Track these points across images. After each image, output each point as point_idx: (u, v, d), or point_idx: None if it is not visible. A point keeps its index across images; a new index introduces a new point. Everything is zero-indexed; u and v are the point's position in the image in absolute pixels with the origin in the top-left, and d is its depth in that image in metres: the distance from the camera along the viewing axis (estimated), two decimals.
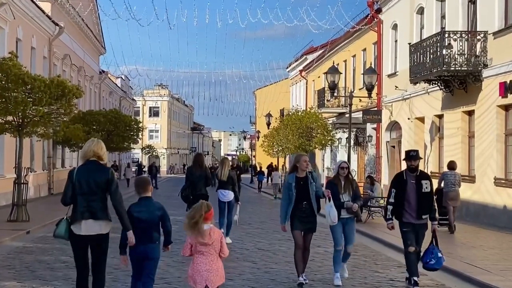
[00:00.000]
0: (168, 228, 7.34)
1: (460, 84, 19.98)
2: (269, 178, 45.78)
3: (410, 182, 9.58)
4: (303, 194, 9.68)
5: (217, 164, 31.06)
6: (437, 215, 9.95)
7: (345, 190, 10.07)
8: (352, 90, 30.72)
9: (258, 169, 48.22)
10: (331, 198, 9.81)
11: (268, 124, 45.73)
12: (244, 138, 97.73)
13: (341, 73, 28.25)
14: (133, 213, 7.26)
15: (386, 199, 10.16)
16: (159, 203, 7.49)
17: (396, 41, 27.61)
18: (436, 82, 20.97)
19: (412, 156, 9.73)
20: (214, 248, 6.46)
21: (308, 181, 9.73)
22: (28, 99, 17.19)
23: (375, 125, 29.65)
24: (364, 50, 32.79)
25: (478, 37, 19.20)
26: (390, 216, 9.66)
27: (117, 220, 7.41)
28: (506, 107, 18.34)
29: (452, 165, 17.29)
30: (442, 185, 17.06)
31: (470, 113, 20.52)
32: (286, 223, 9.80)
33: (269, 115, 47.03)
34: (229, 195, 14.64)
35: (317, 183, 9.92)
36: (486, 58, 18.97)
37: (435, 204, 9.89)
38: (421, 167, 22.94)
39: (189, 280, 6.58)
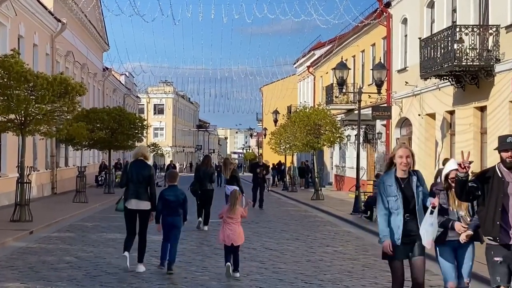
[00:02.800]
0: (186, 208, 10.76)
1: (471, 79, 19.91)
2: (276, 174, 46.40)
3: (507, 183, 6.60)
4: (405, 202, 6.84)
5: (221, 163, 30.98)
6: None
7: (459, 203, 7.10)
8: (361, 86, 30.64)
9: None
10: (435, 209, 6.80)
11: (275, 121, 45.67)
12: (251, 135, 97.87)
13: (350, 69, 28.22)
14: (165, 195, 10.55)
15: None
16: (182, 189, 10.87)
17: (406, 35, 27.52)
18: (447, 78, 20.90)
19: (510, 144, 6.68)
20: (236, 220, 10.15)
21: (413, 184, 6.90)
22: (31, 97, 17.21)
23: (384, 122, 29.58)
24: (373, 45, 32.72)
25: (490, 31, 19.11)
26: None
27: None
28: None
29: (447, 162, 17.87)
30: (438, 180, 17.42)
31: (482, 109, 20.44)
32: (386, 240, 6.99)
33: (276, 112, 46.98)
34: None
35: (424, 188, 7.02)
36: (499, 53, 18.88)
37: None
38: (429, 165, 22.80)
39: (220, 240, 10.26)
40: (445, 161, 18.95)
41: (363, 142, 32.13)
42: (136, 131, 33.29)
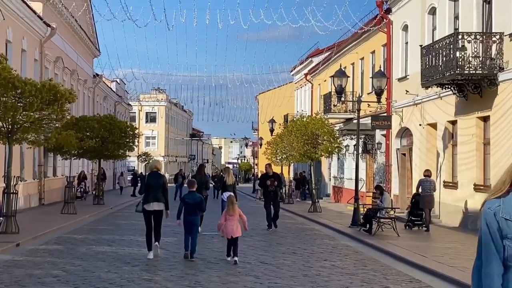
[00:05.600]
0: (202, 207, 14.22)
1: (474, 88, 19.97)
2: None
3: None
4: None
5: (217, 173, 31.11)
6: None
7: None
8: (360, 95, 30.65)
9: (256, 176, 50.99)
10: None
11: (272, 130, 45.74)
12: (246, 145, 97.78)
13: (349, 77, 28.27)
14: (185, 199, 13.84)
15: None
16: (199, 194, 14.49)
17: (406, 43, 27.62)
18: (449, 86, 20.96)
19: None
20: (235, 217, 13.41)
21: None
22: (18, 104, 17.18)
23: (384, 132, 29.63)
24: (373, 52, 32.81)
25: (494, 38, 19.19)
26: None
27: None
28: None
29: (428, 173, 21.09)
30: (420, 190, 20.67)
31: (485, 119, 20.50)
32: None
33: (272, 121, 47.04)
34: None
35: None
36: (502, 61, 18.96)
37: None
38: (433, 177, 22.82)
39: (222, 234, 13.70)
40: (426, 172, 21.29)
41: (362, 153, 32.15)
42: (127, 140, 33.24)
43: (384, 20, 29.47)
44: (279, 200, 22.90)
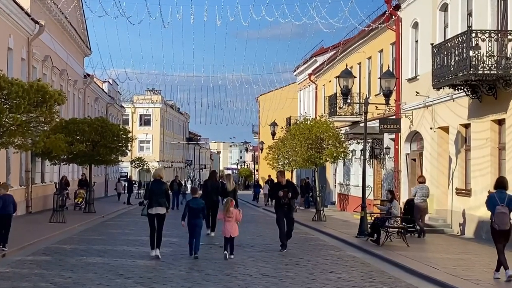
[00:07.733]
0: (205, 213, 17.16)
1: (489, 90, 19.97)
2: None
3: None
4: None
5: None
6: None
7: None
8: (367, 96, 30.70)
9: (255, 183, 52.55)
10: None
11: (273, 134, 45.82)
12: (246, 149, 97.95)
13: (355, 77, 28.28)
14: (190, 204, 16.25)
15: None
16: (202, 199, 17.10)
17: (416, 41, 27.65)
18: (462, 87, 20.97)
19: None
20: (233, 219, 15.85)
21: None
22: (4, 106, 17.19)
23: (393, 136, 29.63)
24: (381, 51, 32.84)
25: (510, 37, 19.20)
26: None
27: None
28: None
29: (422, 180, 22.65)
30: (416, 196, 21.90)
31: (501, 122, 20.50)
32: None
33: (274, 124, 47.11)
34: None
35: None
36: None
37: None
38: (442, 183, 22.71)
39: (222, 232, 15.92)
40: (421, 178, 22.55)
41: (370, 158, 32.14)
42: (120, 144, 33.23)
43: (393, 17, 29.48)
44: (293, 215, 19.03)
